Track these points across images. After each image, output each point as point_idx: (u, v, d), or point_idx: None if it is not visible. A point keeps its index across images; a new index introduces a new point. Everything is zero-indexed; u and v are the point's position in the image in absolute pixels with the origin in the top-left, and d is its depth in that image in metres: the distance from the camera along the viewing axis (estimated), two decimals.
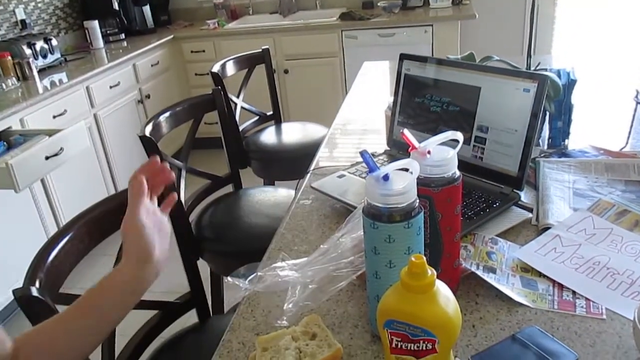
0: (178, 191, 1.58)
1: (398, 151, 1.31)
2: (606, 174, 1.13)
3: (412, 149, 0.75)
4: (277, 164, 2.31)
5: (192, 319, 1.32)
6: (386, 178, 0.66)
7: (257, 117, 2.49)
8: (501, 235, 0.98)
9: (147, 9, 3.92)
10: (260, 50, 2.47)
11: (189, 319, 1.32)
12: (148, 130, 1.52)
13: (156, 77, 3.54)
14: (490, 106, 1.08)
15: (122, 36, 3.75)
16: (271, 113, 2.55)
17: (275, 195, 1.81)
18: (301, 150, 2.22)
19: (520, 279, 0.87)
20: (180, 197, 1.57)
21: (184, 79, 3.86)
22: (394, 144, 1.33)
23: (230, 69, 2.34)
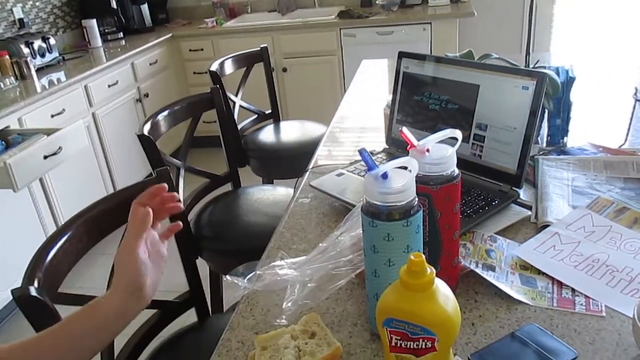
0: (177, 190, 1.58)
1: (397, 149, 1.31)
2: (605, 172, 1.13)
3: (410, 147, 0.75)
4: (275, 162, 2.31)
5: (191, 318, 1.32)
6: (385, 176, 0.65)
7: (256, 116, 2.49)
8: (500, 233, 0.98)
9: (145, 7, 3.91)
10: (259, 48, 2.47)
11: (188, 318, 1.32)
12: (146, 129, 1.52)
13: (154, 76, 3.53)
14: (489, 104, 1.08)
15: (120, 35, 3.74)
16: (270, 111, 2.55)
17: (274, 193, 1.81)
18: (300, 149, 2.22)
19: (519, 276, 0.87)
20: (179, 196, 1.56)
21: (182, 77, 3.86)
22: (392, 142, 1.33)
23: (229, 67, 2.34)
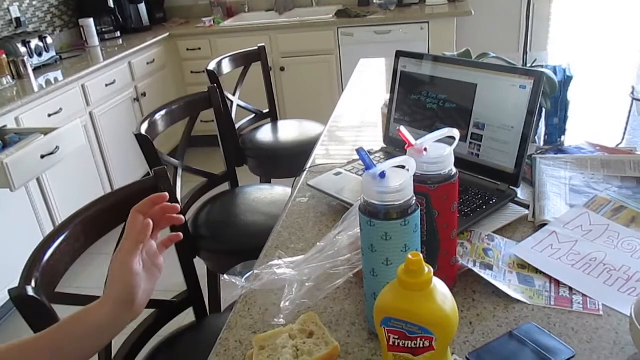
0: (174, 189, 1.58)
1: (394, 148, 1.31)
2: (602, 171, 1.13)
3: (408, 146, 0.75)
4: (273, 162, 2.31)
5: (189, 317, 1.32)
6: (383, 175, 0.66)
7: (254, 115, 2.48)
8: (498, 232, 0.98)
9: (142, 6, 3.90)
10: (256, 47, 2.46)
11: (185, 317, 1.32)
12: (144, 128, 1.51)
13: (152, 75, 3.53)
14: (486, 103, 1.08)
15: (118, 34, 3.73)
16: (267, 111, 2.54)
17: (271, 193, 1.80)
18: (298, 148, 2.22)
19: (517, 275, 0.87)
20: (176, 196, 1.56)
21: (179, 76, 3.85)
22: (390, 141, 1.33)
23: (226, 66, 2.33)
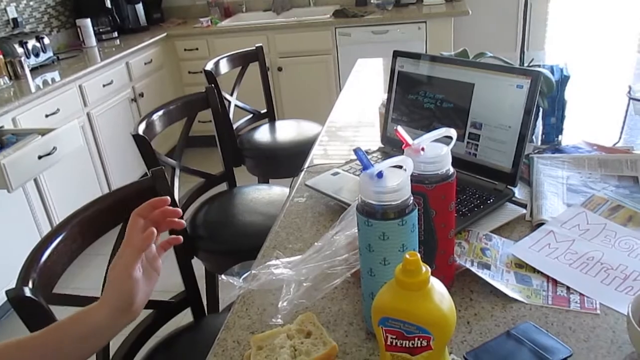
0: (172, 190, 1.58)
1: (392, 148, 1.31)
2: (599, 170, 1.14)
3: (405, 146, 0.75)
4: (271, 162, 2.31)
5: (187, 318, 1.32)
6: (380, 175, 0.66)
7: (251, 115, 2.48)
8: (495, 232, 0.98)
9: (139, 7, 3.90)
10: (254, 47, 2.46)
11: (183, 318, 1.31)
12: (141, 128, 1.51)
13: (149, 76, 3.52)
14: (483, 103, 1.08)
15: (115, 34, 3.73)
16: (265, 111, 2.54)
17: (269, 193, 1.80)
18: (295, 148, 2.22)
19: (514, 274, 0.87)
20: (174, 196, 1.56)
21: (177, 77, 3.85)
22: (387, 141, 1.33)
23: (224, 66, 2.33)
